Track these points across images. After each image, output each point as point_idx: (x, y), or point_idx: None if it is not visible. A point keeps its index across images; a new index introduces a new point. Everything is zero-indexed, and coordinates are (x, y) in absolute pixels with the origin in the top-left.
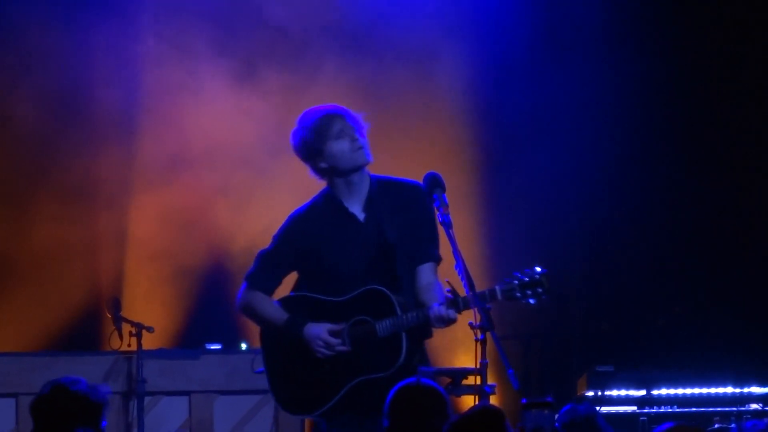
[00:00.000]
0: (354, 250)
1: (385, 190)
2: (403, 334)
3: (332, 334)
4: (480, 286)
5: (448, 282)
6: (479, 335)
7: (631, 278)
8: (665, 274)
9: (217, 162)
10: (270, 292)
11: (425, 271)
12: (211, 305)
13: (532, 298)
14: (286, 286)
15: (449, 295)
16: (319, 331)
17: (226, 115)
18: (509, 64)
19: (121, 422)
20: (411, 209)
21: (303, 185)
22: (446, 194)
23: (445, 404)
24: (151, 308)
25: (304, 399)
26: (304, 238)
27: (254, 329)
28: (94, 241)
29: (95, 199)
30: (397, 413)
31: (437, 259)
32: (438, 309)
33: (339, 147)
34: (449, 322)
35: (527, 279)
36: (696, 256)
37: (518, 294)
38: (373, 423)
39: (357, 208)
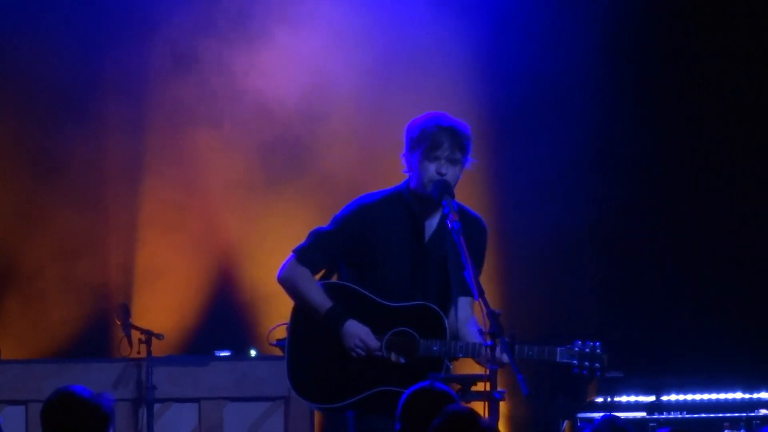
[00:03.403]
0: (411, 260)
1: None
2: (445, 360)
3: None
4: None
5: (511, 335)
6: (488, 341)
7: (641, 284)
8: (675, 280)
9: (228, 168)
10: (315, 271)
11: (466, 303)
12: (220, 312)
13: (585, 370)
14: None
15: (506, 339)
16: (360, 330)
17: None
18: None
19: (131, 429)
20: (473, 240)
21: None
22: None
23: None
24: (160, 315)
25: (322, 390)
26: (364, 229)
27: (262, 336)
28: (104, 248)
29: (104, 205)
30: (409, 417)
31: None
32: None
33: (424, 166)
34: (501, 365)
35: (588, 351)
36: (706, 261)
37: (575, 361)
38: (388, 426)
39: (428, 221)
